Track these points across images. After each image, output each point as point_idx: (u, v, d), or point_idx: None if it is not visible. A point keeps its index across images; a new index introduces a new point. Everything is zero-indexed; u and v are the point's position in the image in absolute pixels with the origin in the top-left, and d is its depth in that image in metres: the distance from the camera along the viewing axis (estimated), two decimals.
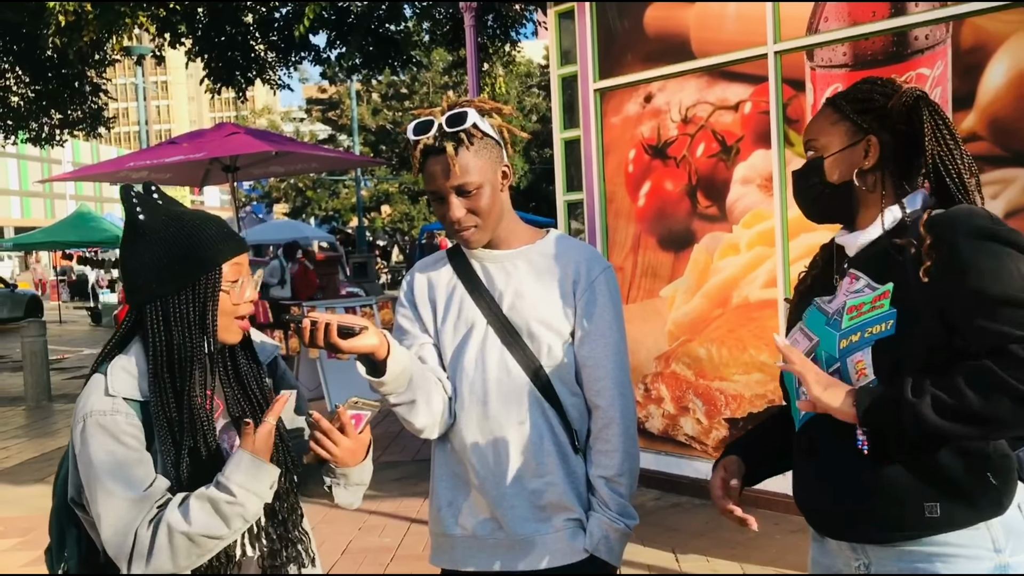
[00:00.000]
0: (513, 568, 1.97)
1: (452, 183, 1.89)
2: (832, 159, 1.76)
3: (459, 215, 1.92)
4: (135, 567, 1.61)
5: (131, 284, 1.74)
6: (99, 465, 1.63)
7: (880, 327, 1.61)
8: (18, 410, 9.84)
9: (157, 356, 1.69)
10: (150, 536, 1.61)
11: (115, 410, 1.66)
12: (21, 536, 5.32)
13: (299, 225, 29.42)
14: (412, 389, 1.89)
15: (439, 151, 1.89)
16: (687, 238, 5.16)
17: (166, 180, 9.99)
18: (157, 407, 1.68)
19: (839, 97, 1.80)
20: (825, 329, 1.71)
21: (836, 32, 4.44)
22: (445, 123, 1.89)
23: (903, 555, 1.63)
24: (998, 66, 3.97)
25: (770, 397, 4.77)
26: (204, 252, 1.71)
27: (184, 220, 1.74)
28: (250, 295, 1.79)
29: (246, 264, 1.79)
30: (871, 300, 1.65)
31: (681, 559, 4.32)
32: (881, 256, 1.68)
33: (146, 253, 1.70)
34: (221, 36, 11.44)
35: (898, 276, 1.63)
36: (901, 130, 1.72)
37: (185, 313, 1.70)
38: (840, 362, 1.65)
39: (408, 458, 6.63)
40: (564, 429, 1.98)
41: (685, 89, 5.11)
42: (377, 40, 12.21)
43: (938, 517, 1.58)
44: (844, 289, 1.73)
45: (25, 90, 13.15)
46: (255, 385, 1.83)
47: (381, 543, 4.83)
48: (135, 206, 1.74)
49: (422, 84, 31.03)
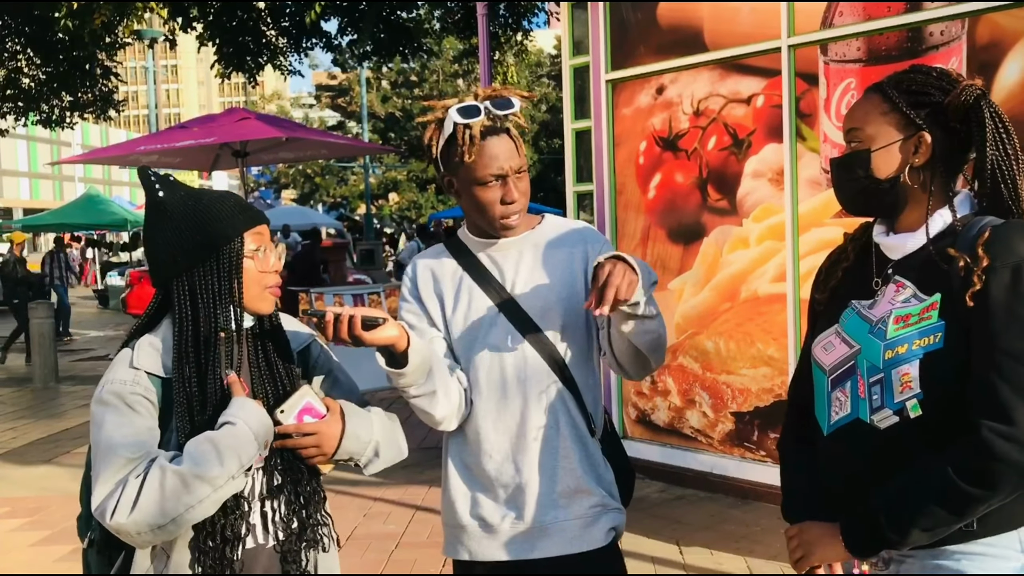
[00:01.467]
0: (528, 556, 1.97)
1: (515, 164, 1.92)
2: (880, 153, 1.66)
3: (516, 196, 1.94)
4: (117, 516, 1.58)
5: (156, 261, 1.75)
6: (108, 430, 1.65)
7: (929, 339, 1.57)
8: (26, 391, 9.89)
9: (183, 331, 1.70)
10: (139, 483, 1.60)
11: (136, 381, 1.69)
12: (29, 516, 5.35)
13: (307, 211, 29.45)
14: (432, 380, 1.89)
15: (500, 131, 1.91)
16: (697, 231, 5.15)
17: (176, 164, 10.00)
18: (178, 381, 1.69)
19: (890, 85, 1.69)
20: (868, 338, 1.66)
21: (850, 27, 4.42)
22: (494, 107, 1.91)
23: (925, 555, 1.61)
24: (1014, 63, 3.94)
25: (777, 392, 4.77)
26: (225, 223, 1.73)
27: (202, 196, 1.77)
28: (275, 264, 1.80)
29: (267, 234, 1.80)
30: (919, 312, 1.61)
31: (685, 552, 4.32)
32: (927, 263, 1.63)
33: (169, 229, 1.73)
34: (233, 21, 11.44)
35: (945, 286, 1.58)
36: (955, 128, 1.64)
37: (211, 284, 1.72)
38: (884, 373, 1.61)
39: (414, 446, 6.59)
40: (580, 412, 1.99)
41: (697, 81, 5.10)
42: (388, 27, 12.21)
43: (975, 531, 1.57)
44: (889, 297, 1.67)
45: (36, 72, 13.19)
46: (282, 368, 1.83)
47: (386, 530, 4.85)
48: (154, 184, 1.76)
49: (432, 72, 30.96)
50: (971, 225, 1.61)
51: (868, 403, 1.63)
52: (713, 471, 5.11)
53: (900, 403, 1.59)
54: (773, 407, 4.81)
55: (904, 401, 1.58)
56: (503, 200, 1.93)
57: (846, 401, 1.68)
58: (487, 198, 1.94)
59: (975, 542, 1.58)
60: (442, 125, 1.95)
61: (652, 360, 1.93)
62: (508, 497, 1.98)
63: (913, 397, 1.57)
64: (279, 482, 1.79)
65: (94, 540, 1.80)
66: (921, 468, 1.56)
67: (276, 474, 1.79)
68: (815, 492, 1.77)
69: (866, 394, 1.64)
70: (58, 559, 4.60)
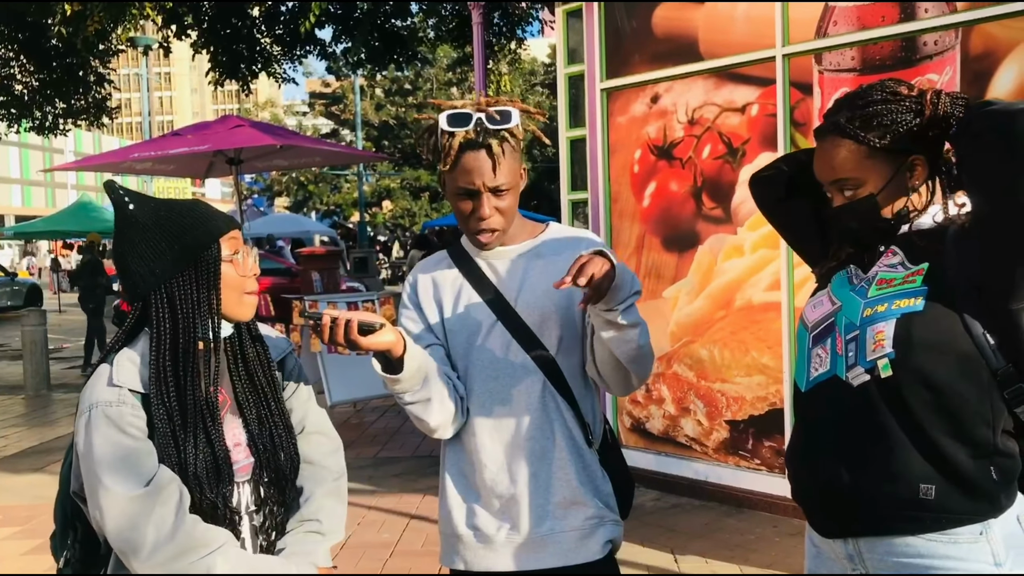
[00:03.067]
0: (524, 568, 1.96)
1: (490, 183, 1.88)
2: (884, 194, 1.66)
3: (489, 214, 1.91)
4: (144, 562, 1.59)
5: (132, 277, 1.71)
6: (101, 458, 1.61)
7: (909, 301, 1.59)
8: (17, 399, 9.84)
9: (161, 344, 1.67)
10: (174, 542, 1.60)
11: (121, 401, 1.65)
12: (20, 524, 5.32)
13: (300, 219, 29.42)
14: (427, 387, 1.88)
15: (479, 146, 1.87)
16: (691, 239, 5.15)
17: (170, 171, 9.99)
18: (156, 397, 1.66)
19: (852, 127, 1.64)
20: (849, 295, 1.69)
21: (845, 36, 4.44)
22: (488, 120, 1.87)
23: (901, 566, 1.61)
24: (1007, 73, 3.96)
25: (772, 400, 4.77)
26: (199, 229, 1.70)
27: (173, 205, 1.74)
28: (252, 267, 1.78)
29: (240, 239, 1.78)
30: (904, 276, 1.63)
31: (680, 560, 4.32)
32: (920, 237, 1.66)
33: (143, 242, 1.69)
34: (227, 29, 11.44)
35: (934, 258, 1.61)
36: (936, 135, 1.65)
37: (190, 293, 1.69)
38: (860, 330, 1.63)
39: (408, 454, 6.63)
40: (578, 423, 1.98)
41: (692, 90, 5.11)
42: (383, 35, 12.22)
43: (932, 500, 1.56)
44: (880, 261, 1.70)
45: (29, 79, 13.15)
46: (263, 376, 1.82)
47: (380, 538, 4.83)
48: (123, 198, 1.73)
49: (426, 80, 30.99)
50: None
51: (844, 360, 1.65)
52: (708, 479, 5.11)
53: (872, 362, 1.61)
54: (768, 415, 4.81)
55: (875, 360, 1.60)
56: (473, 215, 1.92)
57: (826, 358, 1.69)
58: (460, 209, 1.94)
59: (948, 557, 1.57)
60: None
61: (633, 374, 1.89)
62: (503, 507, 1.97)
63: (884, 356, 1.58)
64: (265, 494, 1.78)
65: (70, 560, 1.78)
66: None
67: (262, 487, 1.78)
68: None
69: (843, 351, 1.65)
70: (50, 567, 4.55)
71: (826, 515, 1.72)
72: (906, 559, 1.61)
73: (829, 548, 1.73)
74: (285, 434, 1.82)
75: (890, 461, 1.59)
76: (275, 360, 1.88)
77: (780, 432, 4.75)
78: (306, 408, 1.93)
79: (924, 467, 1.57)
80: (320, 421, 1.95)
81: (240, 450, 1.76)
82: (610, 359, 1.87)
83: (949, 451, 1.57)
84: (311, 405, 1.95)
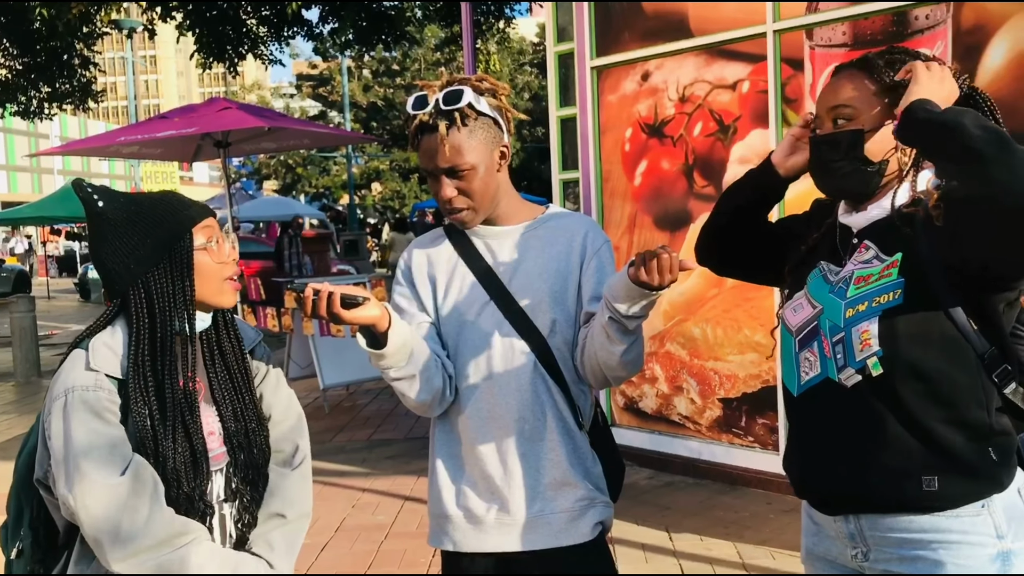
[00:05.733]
0: (513, 549, 1.95)
1: (442, 164, 1.88)
2: (871, 134, 1.64)
3: (450, 195, 1.90)
4: (118, 552, 1.58)
5: (109, 273, 1.71)
6: (79, 444, 1.59)
7: (888, 296, 1.58)
8: (7, 386, 9.80)
9: (140, 337, 1.67)
10: (155, 534, 1.59)
11: (98, 386, 1.63)
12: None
13: (290, 202, 29.28)
14: (413, 363, 1.87)
15: (433, 129, 1.87)
16: (683, 218, 5.14)
17: (157, 155, 9.91)
18: (135, 390, 1.65)
19: (880, 64, 1.65)
20: (829, 297, 1.68)
21: (836, 11, 4.41)
22: (441, 101, 1.87)
23: (903, 542, 1.61)
24: (998, 47, 3.95)
25: (764, 377, 4.78)
26: (170, 221, 1.70)
27: (142, 199, 1.74)
28: (230, 253, 1.77)
29: (216, 227, 1.77)
30: (879, 271, 1.62)
31: (675, 538, 4.33)
32: (890, 228, 1.64)
33: (116, 238, 1.68)
34: (212, 10, 11.33)
35: (907, 247, 1.60)
36: None
37: (166, 286, 1.68)
38: (845, 331, 1.62)
39: (401, 436, 6.63)
40: (568, 405, 1.97)
41: (683, 67, 5.08)
42: (370, 16, 12.12)
43: (936, 491, 1.57)
44: (853, 259, 1.69)
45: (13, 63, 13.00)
46: (237, 367, 1.82)
47: (375, 521, 4.83)
48: (92, 196, 1.72)
49: (413, 61, 30.79)
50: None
51: (834, 362, 1.64)
52: (701, 457, 5.12)
53: (861, 361, 1.60)
54: (760, 393, 4.82)
55: (865, 359, 1.59)
56: (439, 196, 1.93)
57: (815, 361, 1.68)
58: (432, 191, 1.96)
59: (950, 531, 1.57)
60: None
61: (610, 379, 1.90)
62: (493, 488, 1.96)
63: (873, 355, 1.58)
64: (237, 487, 1.78)
65: (23, 550, 1.75)
66: None
67: (234, 480, 1.78)
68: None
69: (831, 353, 1.65)
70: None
71: (830, 511, 1.72)
72: (908, 534, 1.61)
73: (829, 526, 1.73)
74: (257, 427, 1.83)
75: (891, 458, 1.59)
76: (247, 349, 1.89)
77: (773, 409, 4.76)
78: (275, 394, 1.94)
79: (926, 459, 1.57)
80: (287, 406, 1.95)
81: (214, 439, 1.76)
82: (593, 358, 1.87)
83: (948, 440, 1.57)
84: (280, 390, 1.95)
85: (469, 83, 1.91)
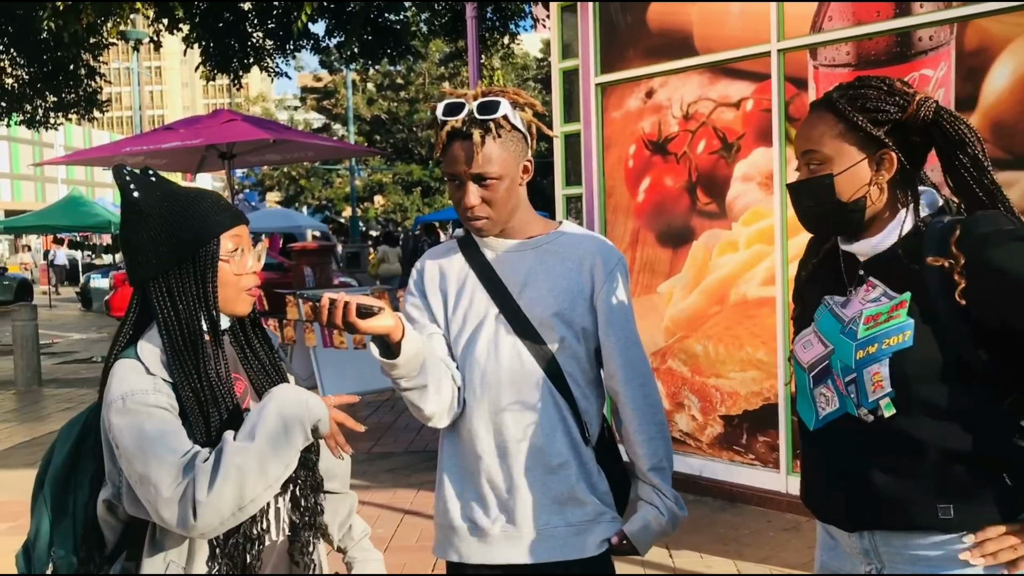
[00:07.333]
0: (519, 561, 1.96)
1: (472, 170, 1.89)
2: (843, 176, 1.64)
3: (474, 202, 1.91)
4: (204, 513, 1.54)
5: (132, 262, 1.72)
6: (152, 435, 1.58)
7: (898, 338, 1.59)
8: (8, 394, 9.79)
9: (171, 332, 1.66)
10: (211, 468, 1.55)
11: (157, 389, 1.64)
12: (12, 520, 5.30)
13: (292, 214, 29.34)
14: (424, 374, 1.88)
15: (466, 136, 1.88)
16: (686, 234, 5.15)
17: (162, 166, 9.93)
18: (182, 382, 1.64)
19: (841, 101, 1.65)
20: (840, 338, 1.68)
21: (840, 31, 4.44)
22: (476, 110, 1.89)
23: (917, 559, 1.62)
24: (1002, 68, 3.97)
25: (766, 395, 4.78)
26: (200, 225, 1.69)
27: (178, 196, 1.72)
28: (253, 265, 1.76)
29: (246, 236, 1.76)
30: (888, 310, 1.62)
31: (675, 555, 4.32)
32: (896, 262, 1.64)
33: (144, 230, 1.68)
34: (219, 23, 11.39)
35: (915, 285, 1.60)
36: (916, 141, 1.65)
37: (187, 287, 1.68)
38: (856, 373, 1.63)
39: (401, 449, 6.62)
40: (575, 420, 1.97)
41: (687, 85, 5.10)
42: (376, 30, 12.18)
43: (952, 519, 1.58)
44: (860, 296, 1.69)
45: (20, 72, 13.07)
46: (270, 362, 1.83)
47: (374, 533, 4.75)
48: (128, 184, 1.72)
49: (418, 74, 30.93)
50: (934, 223, 1.62)
51: (850, 399, 1.65)
52: (702, 474, 5.12)
53: (874, 402, 1.61)
54: (762, 410, 4.82)
55: (878, 400, 1.60)
56: (461, 203, 1.94)
57: (832, 397, 1.69)
58: (454, 198, 1.97)
59: (958, 535, 1.58)
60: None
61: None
62: (500, 501, 1.96)
63: (886, 396, 1.59)
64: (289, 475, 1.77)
65: (59, 566, 1.74)
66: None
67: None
68: None
69: (846, 391, 1.66)
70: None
71: (848, 528, 1.72)
72: (921, 552, 1.61)
73: (845, 541, 1.74)
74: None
75: (906, 489, 1.60)
76: None
77: (774, 427, 4.76)
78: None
79: (940, 489, 1.58)
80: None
81: None
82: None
83: (962, 470, 1.57)
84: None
85: (507, 95, 1.94)
